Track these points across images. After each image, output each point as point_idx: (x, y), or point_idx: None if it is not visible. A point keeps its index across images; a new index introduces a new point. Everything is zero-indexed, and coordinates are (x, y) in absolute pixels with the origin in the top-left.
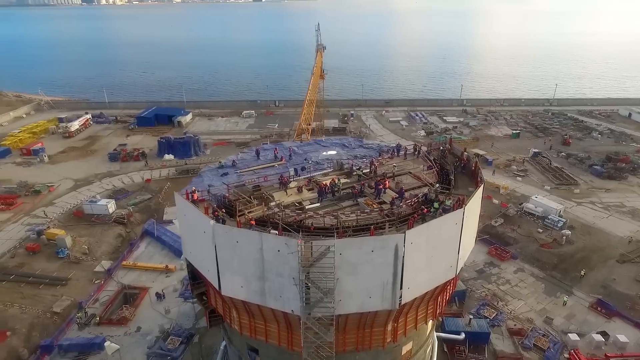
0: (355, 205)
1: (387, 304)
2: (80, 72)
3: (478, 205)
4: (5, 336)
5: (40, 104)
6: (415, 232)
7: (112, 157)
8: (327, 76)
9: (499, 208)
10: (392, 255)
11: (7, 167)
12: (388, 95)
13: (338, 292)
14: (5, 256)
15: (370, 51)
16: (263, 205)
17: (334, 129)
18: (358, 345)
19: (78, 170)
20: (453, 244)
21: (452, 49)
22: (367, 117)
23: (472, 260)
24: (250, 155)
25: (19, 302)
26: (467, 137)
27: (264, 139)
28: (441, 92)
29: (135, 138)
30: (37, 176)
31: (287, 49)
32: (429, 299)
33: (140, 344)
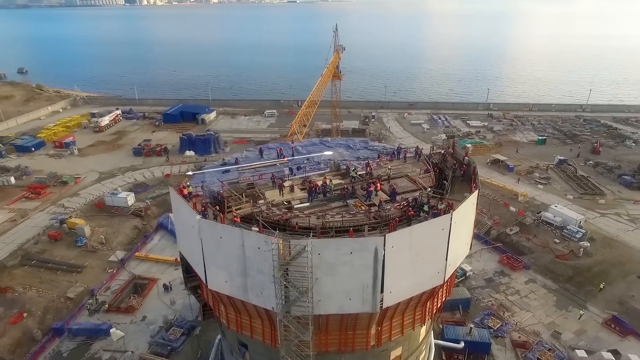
0: (344, 207)
1: (368, 307)
2: (115, 70)
3: (472, 212)
4: (22, 317)
5: (76, 99)
6: (396, 236)
7: (136, 152)
8: (348, 77)
9: (516, 216)
10: (372, 257)
11: (40, 158)
12: (412, 98)
13: (317, 292)
14: (29, 242)
15: (397, 53)
16: (251, 202)
17: (354, 130)
18: (340, 346)
19: (104, 163)
20: (440, 250)
21: (483, 51)
22: (388, 119)
23: (481, 269)
24: (254, 153)
25: (37, 285)
26: (490, 142)
27: (283, 137)
28: (467, 96)
29: (160, 134)
30: (66, 168)
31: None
32: (415, 305)
33: (144, 332)
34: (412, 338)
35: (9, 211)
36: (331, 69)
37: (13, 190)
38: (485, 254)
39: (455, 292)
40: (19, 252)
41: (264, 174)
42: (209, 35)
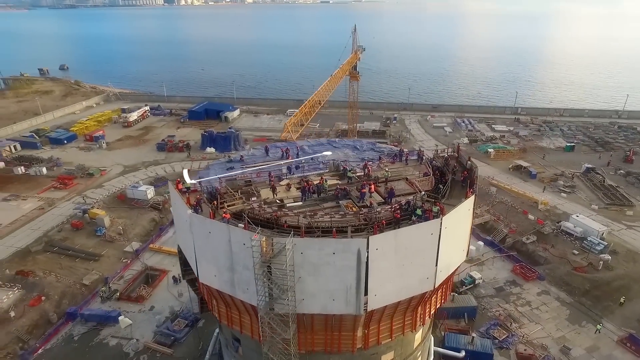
0: (337, 207)
1: (352, 308)
2: (148, 67)
3: (467, 218)
4: (40, 300)
5: (109, 95)
6: (380, 239)
7: (160, 147)
8: (372, 78)
9: (534, 224)
10: (355, 259)
11: (71, 150)
12: (437, 100)
13: (301, 291)
14: (54, 230)
15: (426, 54)
16: (243, 199)
17: (374, 131)
18: (326, 347)
19: (129, 157)
20: (429, 255)
21: (516, 54)
22: (410, 122)
23: (492, 277)
24: (260, 151)
25: (56, 271)
26: (513, 148)
27: (302, 137)
28: (494, 99)
29: (184, 130)
30: (94, 160)
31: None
32: (405, 310)
33: (151, 322)
34: (405, 343)
35: (38, 200)
36: (345, 69)
37: (44, 180)
38: (498, 262)
39: (461, 300)
40: (43, 239)
41: (265, 172)
42: (239, 35)
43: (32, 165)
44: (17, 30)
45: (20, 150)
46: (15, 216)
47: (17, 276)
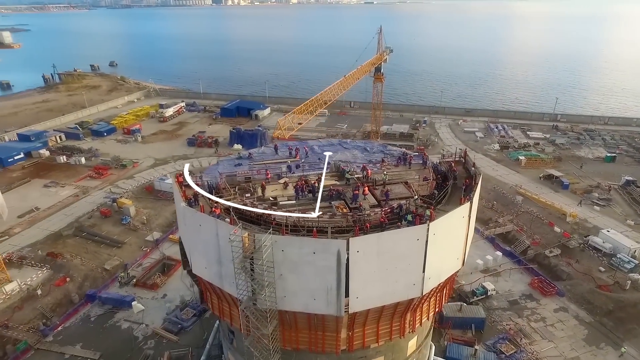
0: (329, 207)
1: (332, 309)
2: (189, 65)
3: (462, 225)
4: (65, 281)
5: (150, 91)
6: (361, 241)
7: (190, 142)
8: (405, 80)
9: (560, 237)
10: (335, 260)
11: (109, 142)
12: (472, 105)
13: (282, 288)
14: (84, 216)
15: (466, 57)
16: (238, 195)
17: (401, 134)
18: (310, 345)
19: (161, 150)
20: (415, 261)
21: (563, 58)
22: (440, 125)
23: (507, 289)
24: (270, 150)
25: (82, 255)
26: (547, 156)
27: (329, 137)
28: (533, 105)
29: (215, 127)
30: (129, 153)
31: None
32: (391, 315)
33: (162, 309)
34: (396, 349)
35: (74, 187)
36: (364, 69)
37: (82, 169)
38: (516, 274)
39: (469, 310)
40: (74, 224)
41: (266, 169)
42: (279, 35)
43: (72, 155)
44: (76, 28)
45: (64, 141)
46: (53, 202)
47: (47, 257)
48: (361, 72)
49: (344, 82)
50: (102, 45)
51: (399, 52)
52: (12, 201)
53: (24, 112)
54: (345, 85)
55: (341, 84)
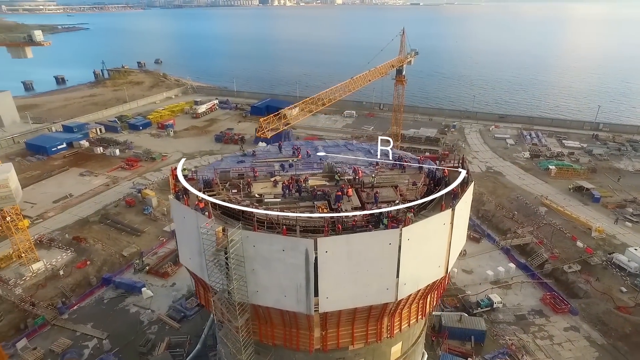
0: (311, 207)
1: (302, 307)
2: (228, 63)
3: (442, 233)
4: (86, 264)
5: (187, 88)
6: (330, 241)
7: (217, 139)
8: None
9: (581, 253)
10: (303, 259)
11: (144, 136)
12: (506, 110)
13: (255, 283)
14: (111, 205)
15: (508, 61)
16: (225, 191)
17: (427, 138)
18: (285, 342)
19: (190, 145)
20: (388, 265)
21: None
22: (470, 131)
23: (516, 303)
24: (274, 148)
25: (104, 241)
26: (581, 167)
27: (354, 139)
28: (574, 112)
29: (243, 124)
30: (160, 146)
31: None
32: (366, 318)
33: (169, 297)
34: (378, 354)
35: (106, 177)
36: (380, 71)
37: (115, 160)
38: (528, 288)
39: (469, 321)
40: (101, 212)
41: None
42: (320, 35)
43: (108, 146)
44: (130, 27)
45: (104, 133)
46: (86, 189)
47: (73, 241)
48: (375, 73)
49: (350, 83)
50: (150, 43)
51: (436, 55)
52: (50, 187)
53: (72, 105)
54: (352, 86)
55: (346, 86)
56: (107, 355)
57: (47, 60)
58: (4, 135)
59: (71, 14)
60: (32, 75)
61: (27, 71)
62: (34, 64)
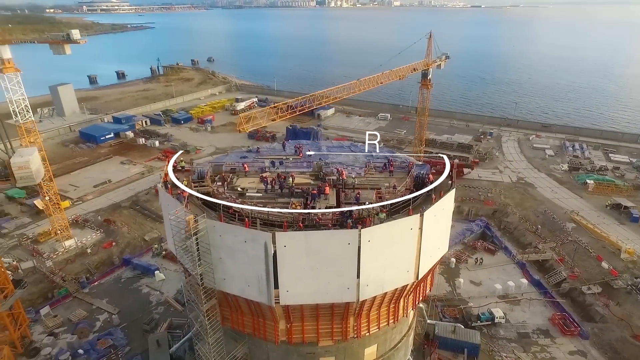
0: (287, 203)
1: (264, 298)
2: (274, 62)
3: (409, 237)
4: (111, 245)
5: (231, 85)
6: (287, 236)
7: (250, 135)
8: (481, 88)
9: (605, 274)
10: (263, 251)
11: (184, 130)
12: (551, 119)
13: (223, 270)
14: (142, 192)
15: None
16: (211, 183)
17: (459, 145)
18: (254, 331)
19: (224, 141)
20: (348, 265)
21: None
22: (507, 139)
23: (521, 320)
24: (279, 146)
25: (130, 225)
26: (624, 183)
27: (384, 142)
28: (630, 125)
29: (278, 123)
30: (196, 140)
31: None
32: (330, 315)
33: (179, 281)
34: (349, 353)
35: (143, 166)
36: (397, 73)
37: (154, 151)
38: (538, 305)
39: (463, 333)
40: (132, 198)
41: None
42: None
43: (150, 138)
44: (192, 26)
45: (148, 125)
46: (123, 177)
47: (104, 223)
48: (390, 76)
49: (356, 84)
50: (206, 42)
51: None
52: (93, 173)
53: (126, 98)
54: (359, 87)
55: (352, 86)
56: (114, 329)
57: (112, 56)
58: (63, 123)
59: (142, 13)
60: (98, 70)
61: (93, 66)
62: (100, 60)
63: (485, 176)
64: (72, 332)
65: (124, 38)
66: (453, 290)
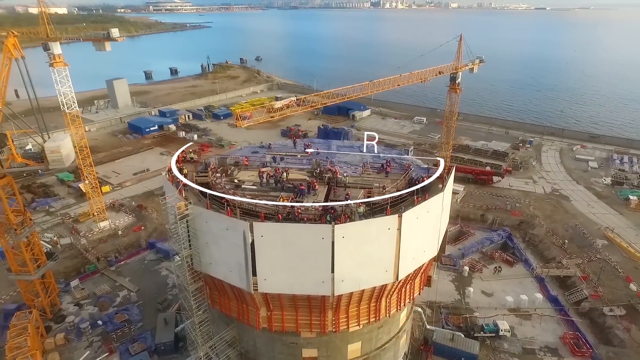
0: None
1: (244, 284)
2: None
3: (388, 238)
4: (140, 229)
5: (273, 84)
6: (264, 227)
7: (283, 133)
8: (528, 95)
9: (632, 297)
10: (241, 239)
11: (222, 125)
12: (601, 129)
13: (209, 255)
14: None
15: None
16: (210, 174)
17: (494, 152)
18: (239, 315)
19: (257, 137)
20: (322, 259)
21: None
22: (548, 148)
23: (529, 336)
24: (290, 143)
25: (160, 211)
26: None
27: (416, 145)
28: None
29: (312, 122)
30: (232, 135)
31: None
32: (308, 307)
33: None
34: (332, 347)
35: None
36: (418, 75)
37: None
38: (550, 323)
39: (462, 342)
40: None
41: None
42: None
43: (189, 131)
44: (247, 26)
45: (190, 120)
46: (160, 166)
47: (136, 208)
48: (409, 78)
49: (368, 86)
50: (257, 41)
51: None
52: (135, 162)
53: (175, 93)
54: (370, 89)
55: (363, 87)
56: (131, 306)
57: (169, 53)
58: (115, 115)
59: (202, 13)
60: (153, 66)
61: (151, 62)
62: (158, 57)
63: (517, 185)
64: (94, 304)
65: (182, 36)
66: (462, 299)
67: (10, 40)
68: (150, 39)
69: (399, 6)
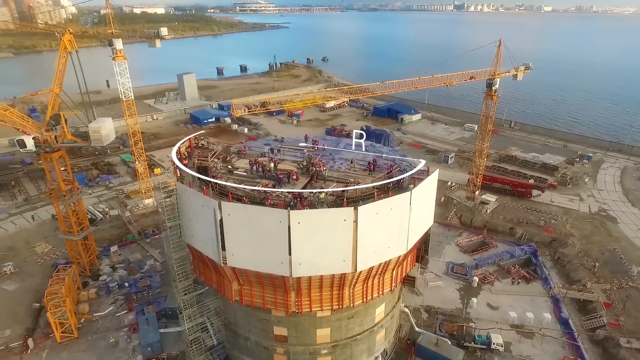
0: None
1: (216, 257)
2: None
3: (343, 228)
4: None
5: (331, 84)
6: (230, 206)
7: (327, 132)
8: (592, 105)
9: None
10: (212, 216)
11: (273, 121)
12: None
13: (192, 229)
14: None
15: None
16: (210, 159)
17: (543, 165)
18: (218, 287)
19: (303, 133)
20: (280, 241)
21: None
22: (609, 165)
23: (526, 354)
24: (301, 138)
25: None
26: None
27: (460, 153)
28: None
29: (360, 123)
30: (279, 131)
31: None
32: (272, 285)
33: None
34: (301, 329)
35: None
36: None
37: (242, 137)
38: (553, 344)
39: (446, 349)
40: None
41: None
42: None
43: (241, 125)
44: (323, 27)
45: (245, 114)
46: None
47: None
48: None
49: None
50: (328, 42)
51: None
52: None
53: (237, 89)
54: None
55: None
56: (155, 274)
57: (244, 51)
58: (182, 106)
59: (284, 14)
60: (226, 63)
61: (226, 59)
62: (232, 54)
63: (559, 202)
64: (125, 268)
65: (260, 36)
66: (463, 308)
67: (67, 36)
68: (231, 37)
69: (484, 9)
